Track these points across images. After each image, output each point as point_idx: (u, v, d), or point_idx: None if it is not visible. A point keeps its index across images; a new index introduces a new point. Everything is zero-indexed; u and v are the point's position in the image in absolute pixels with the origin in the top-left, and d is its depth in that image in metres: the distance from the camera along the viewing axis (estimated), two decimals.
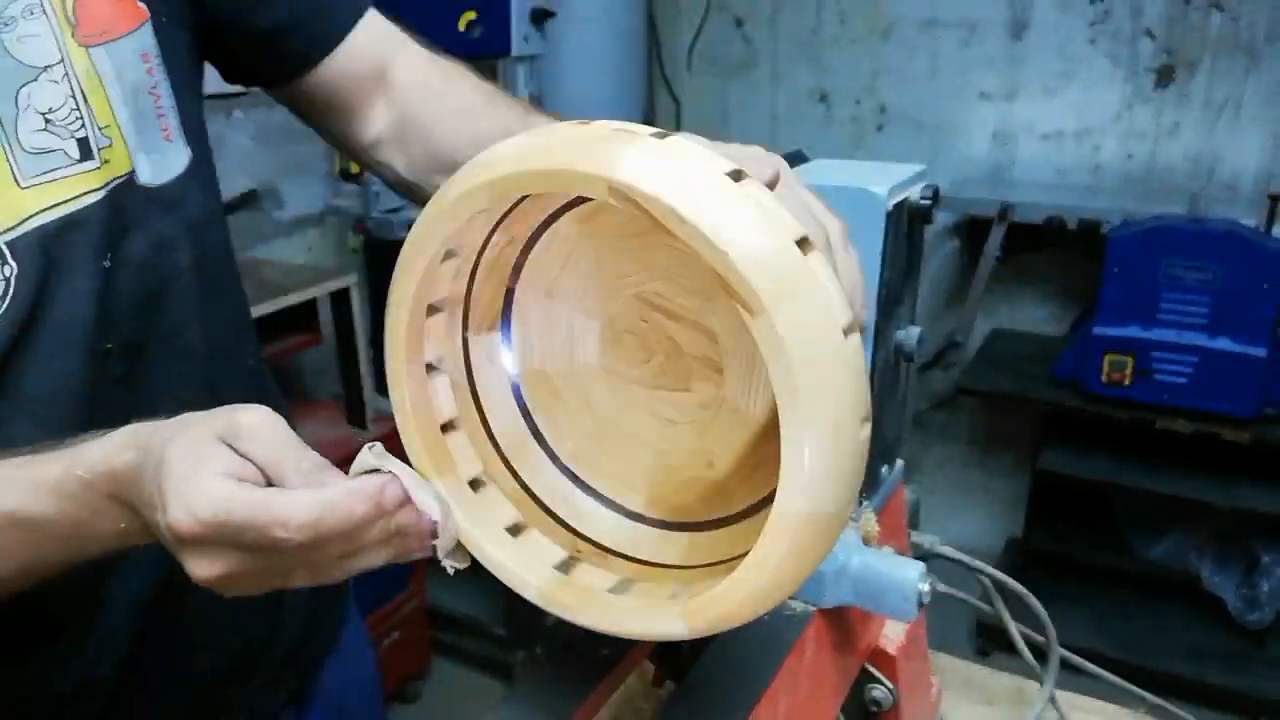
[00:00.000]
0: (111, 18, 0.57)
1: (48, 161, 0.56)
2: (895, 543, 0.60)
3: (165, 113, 0.62)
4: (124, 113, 0.59)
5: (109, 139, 0.59)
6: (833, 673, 0.58)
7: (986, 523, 2.73)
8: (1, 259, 0.53)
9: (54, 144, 0.56)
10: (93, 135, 0.58)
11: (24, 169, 0.54)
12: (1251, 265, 1.83)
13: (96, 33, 0.57)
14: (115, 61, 0.59)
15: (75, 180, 0.57)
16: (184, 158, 0.64)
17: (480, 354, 0.51)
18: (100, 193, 0.58)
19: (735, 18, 2.67)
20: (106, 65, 0.58)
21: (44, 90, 0.54)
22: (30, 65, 0.54)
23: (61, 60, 0.55)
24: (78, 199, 0.57)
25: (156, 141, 0.62)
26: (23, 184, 0.54)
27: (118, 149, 0.59)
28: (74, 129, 0.57)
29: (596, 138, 0.37)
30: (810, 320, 0.35)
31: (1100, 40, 2.28)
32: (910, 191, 0.54)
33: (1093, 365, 2.00)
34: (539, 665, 0.58)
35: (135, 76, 0.60)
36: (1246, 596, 2.13)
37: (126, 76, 0.59)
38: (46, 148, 0.55)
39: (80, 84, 0.56)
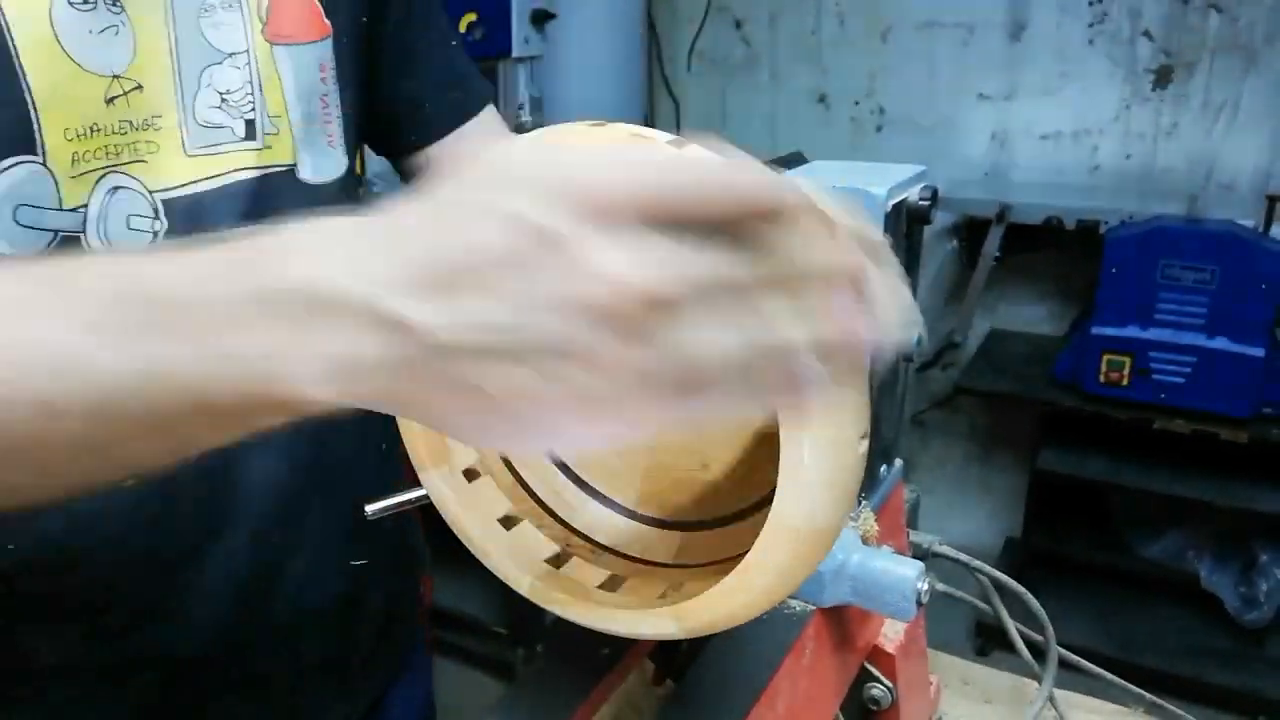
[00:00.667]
0: (299, 24, 0.63)
1: (215, 136, 0.60)
2: (894, 542, 0.60)
3: (331, 120, 0.66)
4: (295, 110, 0.63)
5: (276, 129, 0.63)
6: (832, 671, 0.58)
7: (985, 522, 2.74)
8: (155, 214, 0.57)
9: (224, 121, 0.60)
10: (260, 119, 0.62)
11: (192, 139, 0.58)
12: (1249, 265, 1.84)
13: (283, 34, 0.62)
14: (295, 63, 0.63)
15: (236, 156, 0.61)
16: (341, 166, 0.68)
17: None
18: (255, 172, 0.62)
19: (735, 19, 2.68)
20: (286, 64, 0.63)
21: (226, 73, 0.59)
22: (219, 49, 0.59)
23: (247, 50, 0.60)
24: (234, 173, 0.61)
25: (320, 144, 0.66)
26: (188, 152, 0.58)
27: (284, 139, 0.63)
28: (245, 110, 0.61)
29: (594, 138, 0.37)
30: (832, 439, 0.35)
31: (1099, 41, 2.29)
32: (909, 192, 0.54)
33: (1091, 365, 2.01)
34: (540, 664, 0.58)
35: (310, 80, 0.64)
36: (1245, 595, 2.13)
37: (302, 78, 0.63)
38: (216, 123, 0.60)
39: (259, 74, 0.61)
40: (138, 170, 0.56)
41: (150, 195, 0.57)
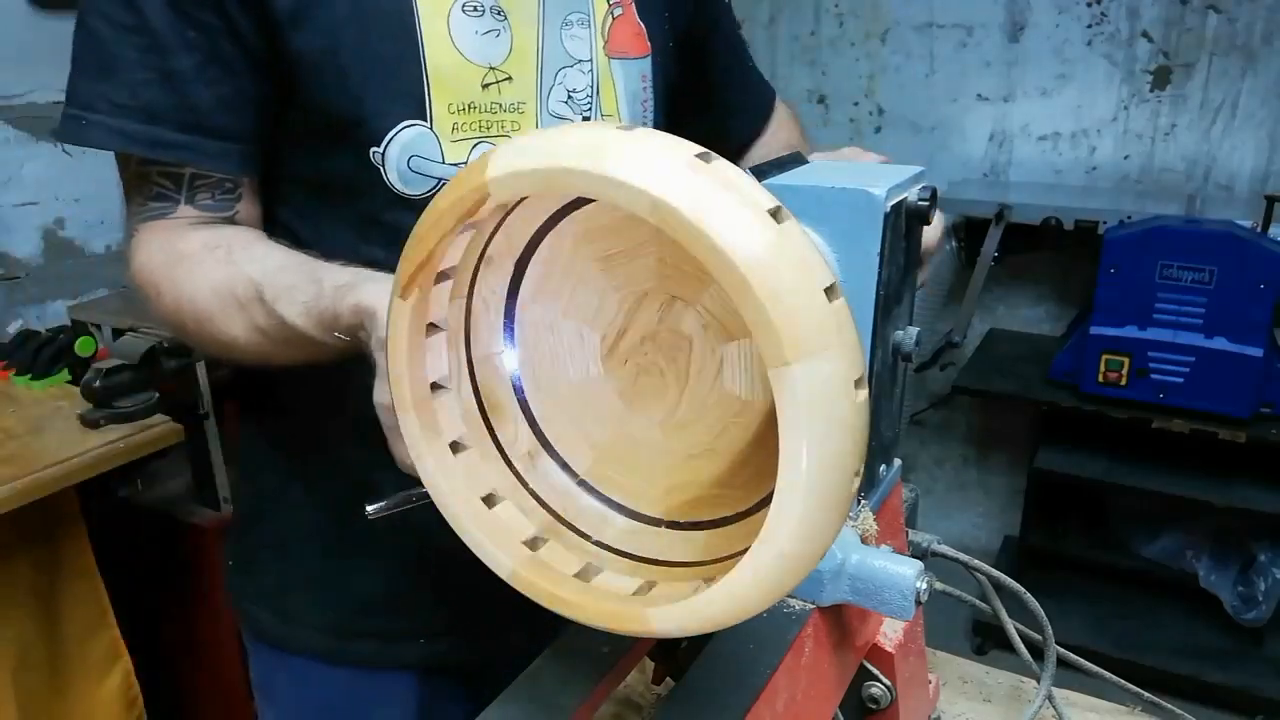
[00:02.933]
0: (629, 42, 0.79)
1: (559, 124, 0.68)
2: (893, 541, 0.60)
3: (649, 121, 0.82)
4: (624, 110, 0.79)
5: None
6: (831, 670, 0.58)
7: (984, 521, 2.74)
8: None
9: (568, 114, 0.75)
10: (595, 115, 0.77)
11: (544, 123, 0.73)
12: (1248, 265, 1.84)
13: (618, 50, 0.78)
14: (624, 73, 0.78)
15: None
16: None
17: (482, 353, 0.51)
18: None
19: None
20: (619, 74, 0.78)
21: (575, 76, 0.75)
22: (572, 55, 0.74)
23: (591, 60, 0.76)
24: None
25: None
26: None
27: None
28: (584, 108, 0.76)
29: (644, 149, 0.37)
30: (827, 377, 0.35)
31: (1097, 42, 2.29)
32: (908, 193, 0.54)
33: (1089, 365, 2.01)
34: (540, 662, 0.58)
35: (634, 88, 0.79)
36: (1243, 595, 2.14)
37: (631, 86, 0.79)
38: (562, 116, 0.75)
39: (598, 79, 0.77)
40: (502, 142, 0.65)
41: None
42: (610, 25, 0.76)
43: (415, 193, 0.69)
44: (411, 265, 0.44)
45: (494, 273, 0.50)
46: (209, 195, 0.68)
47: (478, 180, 0.40)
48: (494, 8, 0.70)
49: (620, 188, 0.36)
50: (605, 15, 0.77)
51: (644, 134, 0.37)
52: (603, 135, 0.38)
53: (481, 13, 0.69)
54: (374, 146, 0.67)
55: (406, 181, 0.69)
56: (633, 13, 0.79)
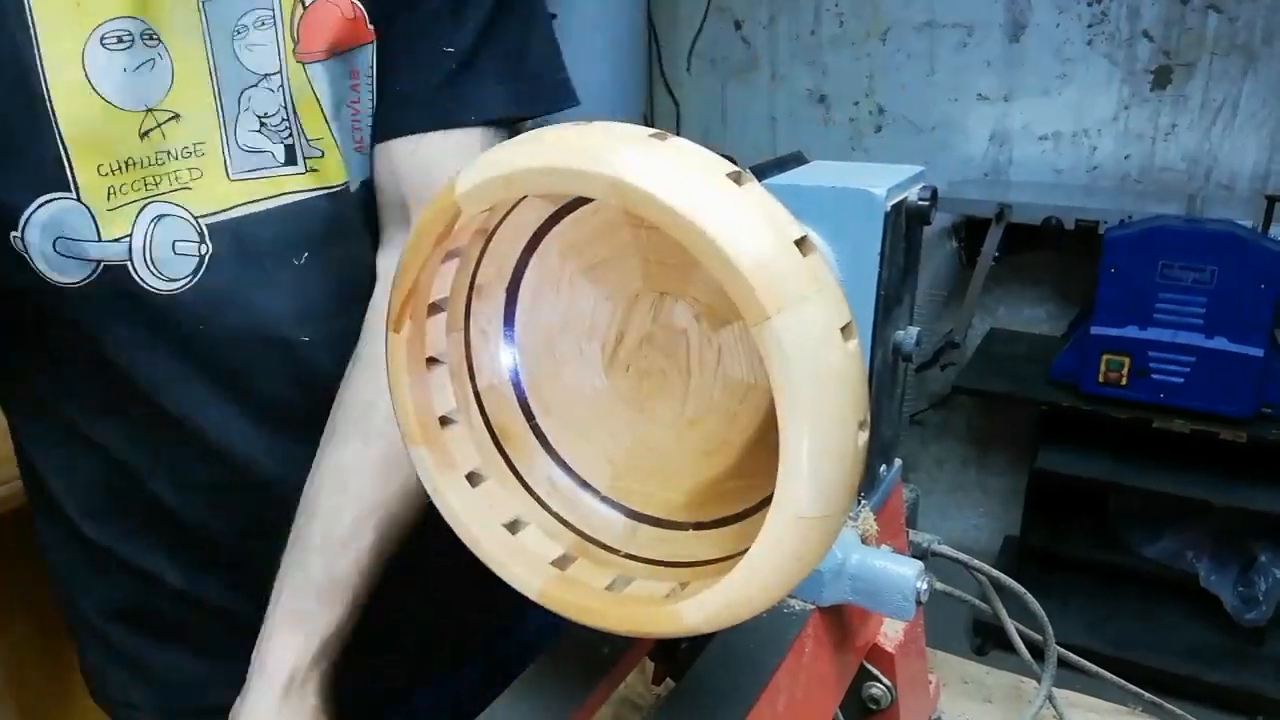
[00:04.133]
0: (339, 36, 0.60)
1: (256, 160, 0.61)
2: (893, 541, 0.60)
3: (360, 126, 0.64)
4: (335, 126, 0.62)
5: (321, 150, 0.62)
6: (831, 670, 0.58)
7: (984, 521, 2.74)
8: (200, 238, 0.59)
9: (264, 145, 0.61)
10: (299, 144, 0.62)
11: (235, 163, 0.59)
12: (1248, 265, 1.84)
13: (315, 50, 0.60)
14: (329, 75, 0.61)
15: (279, 180, 0.61)
16: (365, 169, 0.67)
17: (482, 353, 0.51)
18: (301, 195, 0.62)
19: (734, 20, 2.68)
20: (322, 81, 0.61)
21: (262, 96, 0.59)
22: (253, 71, 0.59)
23: (279, 72, 0.59)
24: (277, 198, 0.62)
25: (352, 151, 0.65)
26: (231, 176, 0.59)
27: (331, 161, 0.63)
28: (283, 135, 0.61)
29: (596, 137, 0.38)
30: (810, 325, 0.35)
31: (1097, 42, 2.29)
32: (908, 193, 0.54)
33: (1090, 365, 2.01)
34: (539, 662, 0.58)
35: (340, 93, 0.62)
36: (1244, 595, 2.14)
37: (336, 92, 0.62)
38: (257, 147, 0.60)
39: (292, 97, 0.60)
40: (180, 197, 0.58)
41: (196, 220, 0.59)
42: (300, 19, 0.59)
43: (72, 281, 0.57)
44: (400, 296, 0.45)
45: (487, 303, 0.50)
46: None
47: (447, 200, 0.41)
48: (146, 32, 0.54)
49: (579, 176, 0.36)
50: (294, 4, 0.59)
51: (598, 126, 0.38)
52: (554, 133, 0.38)
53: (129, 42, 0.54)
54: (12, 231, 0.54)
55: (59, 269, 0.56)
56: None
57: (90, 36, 0.53)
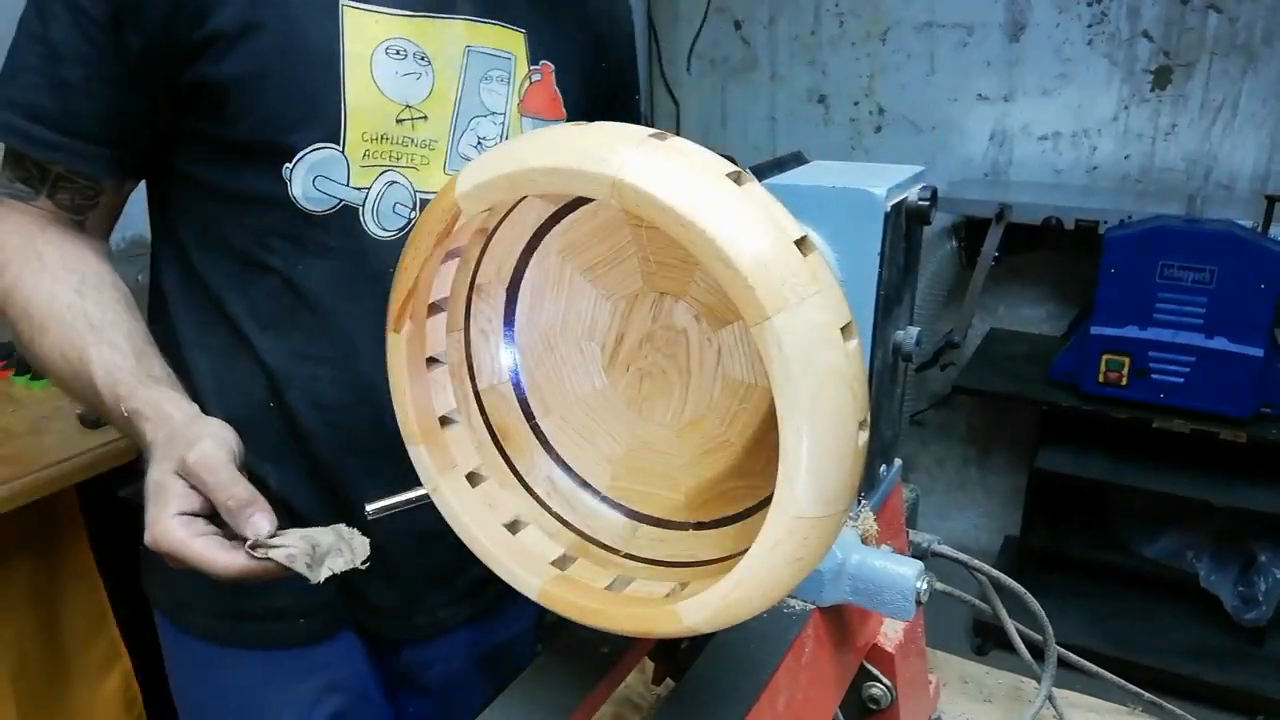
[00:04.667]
0: (544, 106, 0.83)
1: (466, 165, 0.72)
2: (893, 541, 0.60)
3: None
4: None
5: None
6: (831, 670, 0.58)
7: (984, 521, 2.74)
8: (414, 206, 0.76)
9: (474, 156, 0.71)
10: None
11: (452, 163, 0.77)
12: (1248, 265, 1.84)
13: (532, 110, 0.82)
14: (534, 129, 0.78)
15: None
16: None
17: (482, 354, 0.51)
18: None
19: (734, 20, 2.68)
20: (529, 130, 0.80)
21: (486, 125, 0.79)
22: (487, 107, 0.79)
23: (504, 113, 0.80)
24: None
25: None
26: (446, 170, 0.77)
27: None
28: None
29: (598, 138, 0.38)
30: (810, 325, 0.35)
31: (1097, 42, 2.29)
32: (908, 193, 0.54)
33: (1090, 365, 2.01)
34: (539, 662, 0.58)
35: None
36: (1243, 595, 2.14)
37: None
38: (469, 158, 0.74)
39: (508, 131, 0.80)
40: (409, 174, 0.75)
41: (414, 192, 0.76)
42: (527, 87, 0.82)
43: (316, 209, 0.73)
44: (400, 295, 0.45)
45: (487, 302, 0.50)
46: (67, 195, 0.75)
47: (447, 200, 0.41)
48: (418, 54, 0.75)
49: (579, 176, 0.36)
50: (524, 78, 0.82)
51: (597, 126, 0.38)
52: (556, 133, 0.38)
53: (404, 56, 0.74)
54: (285, 163, 0.71)
55: (309, 198, 0.73)
56: (550, 80, 0.84)
57: (379, 45, 0.72)
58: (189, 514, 0.56)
